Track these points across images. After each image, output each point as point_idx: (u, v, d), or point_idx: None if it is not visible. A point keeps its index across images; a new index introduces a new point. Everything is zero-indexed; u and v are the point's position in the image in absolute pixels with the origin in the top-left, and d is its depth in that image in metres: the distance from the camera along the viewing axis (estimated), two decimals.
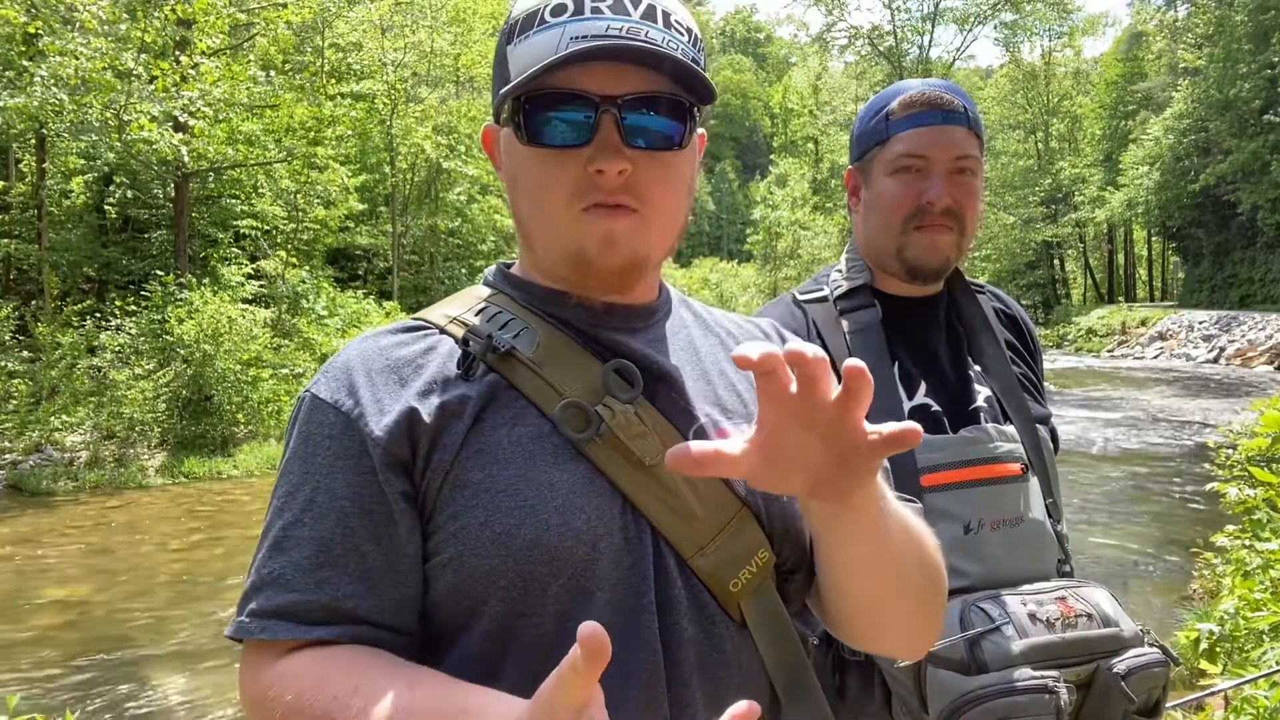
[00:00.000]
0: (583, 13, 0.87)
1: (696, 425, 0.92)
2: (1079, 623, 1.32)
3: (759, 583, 0.92)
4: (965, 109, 1.51)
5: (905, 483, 1.40)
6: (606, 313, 0.95)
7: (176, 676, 6.11)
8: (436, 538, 0.84)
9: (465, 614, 0.84)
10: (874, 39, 44.51)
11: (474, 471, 0.84)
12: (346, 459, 0.84)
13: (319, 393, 0.89)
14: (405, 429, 0.84)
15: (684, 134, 0.90)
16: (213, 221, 19.05)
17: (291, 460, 0.87)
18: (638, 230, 0.89)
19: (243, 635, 0.83)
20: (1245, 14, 32.47)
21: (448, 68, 27.04)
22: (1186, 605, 6.06)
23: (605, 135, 0.86)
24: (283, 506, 0.85)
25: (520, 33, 0.89)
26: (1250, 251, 34.58)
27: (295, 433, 0.89)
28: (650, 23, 0.87)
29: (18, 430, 12.99)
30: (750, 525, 0.92)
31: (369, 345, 0.92)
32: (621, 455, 0.87)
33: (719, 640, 0.89)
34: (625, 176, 0.86)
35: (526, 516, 0.82)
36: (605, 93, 0.86)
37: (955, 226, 1.50)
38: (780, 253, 38.80)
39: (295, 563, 0.82)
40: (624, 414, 0.88)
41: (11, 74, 14.19)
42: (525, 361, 0.90)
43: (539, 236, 0.93)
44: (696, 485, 0.89)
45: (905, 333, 1.55)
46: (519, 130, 0.89)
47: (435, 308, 0.99)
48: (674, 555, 0.88)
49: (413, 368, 0.89)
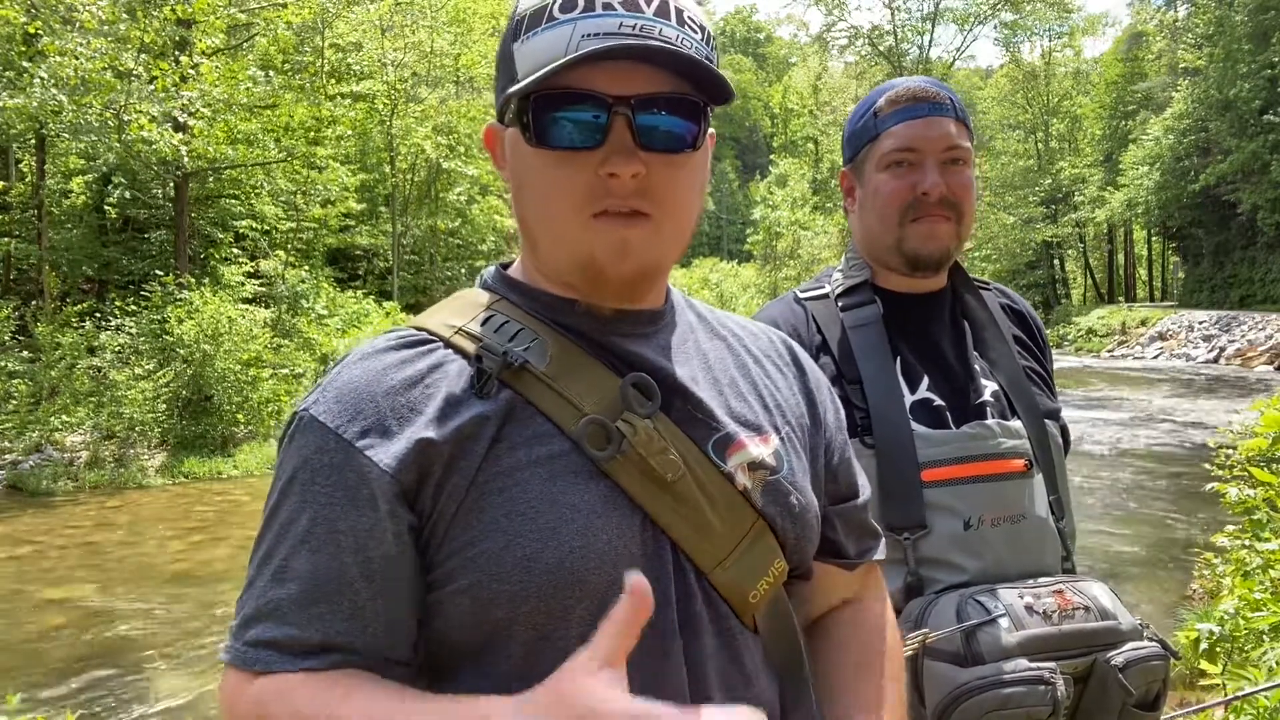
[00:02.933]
0: (594, 9, 0.83)
1: (715, 438, 0.90)
2: (1076, 615, 1.32)
3: (775, 593, 0.93)
4: (951, 101, 1.52)
5: (906, 478, 1.40)
6: (615, 319, 0.92)
7: (176, 676, 6.11)
8: (449, 564, 0.81)
9: (483, 640, 0.82)
10: (874, 39, 44.53)
11: (492, 495, 0.81)
12: (345, 489, 0.81)
13: (318, 415, 0.83)
14: (415, 457, 0.81)
15: (697, 135, 0.87)
16: (212, 221, 19.06)
17: (290, 485, 0.83)
18: (651, 238, 0.86)
19: (239, 664, 0.81)
20: (1245, 14, 32.47)
21: (448, 68, 27.04)
22: (1186, 605, 6.06)
23: (618, 137, 0.83)
24: (281, 534, 0.82)
25: (528, 29, 0.85)
26: (1250, 251, 34.57)
27: (292, 455, 0.84)
28: (664, 20, 0.84)
29: (18, 430, 13.00)
30: (766, 536, 0.91)
31: (371, 365, 0.86)
32: (642, 472, 0.85)
33: (738, 653, 0.89)
34: (639, 180, 0.83)
35: (549, 540, 0.80)
36: (618, 92, 0.83)
37: (952, 216, 1.50)
38: (780, 253, 38.86)
39: (292, 596, 0.80)
40: (645, 430, 0.85)
41: (11, 74, 14.19)
42: (539, 376, 0.86)
43: (546, 242, 0.90)
44: (714, 499, 0.88)
45: (907, 328, 1.55)
46: (526, 131, 0.86)
47: (434, 315, 0.94)
48: (694, 570, 0.87)
49: (421, 388, 0.84)
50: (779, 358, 1.06)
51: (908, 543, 1.38)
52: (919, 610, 1.33)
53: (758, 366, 1.02)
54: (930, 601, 1.33)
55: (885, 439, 1.42)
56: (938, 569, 1.38)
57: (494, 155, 0.96)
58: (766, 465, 0.92)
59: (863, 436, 1.43)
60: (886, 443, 1.41)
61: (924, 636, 1.28)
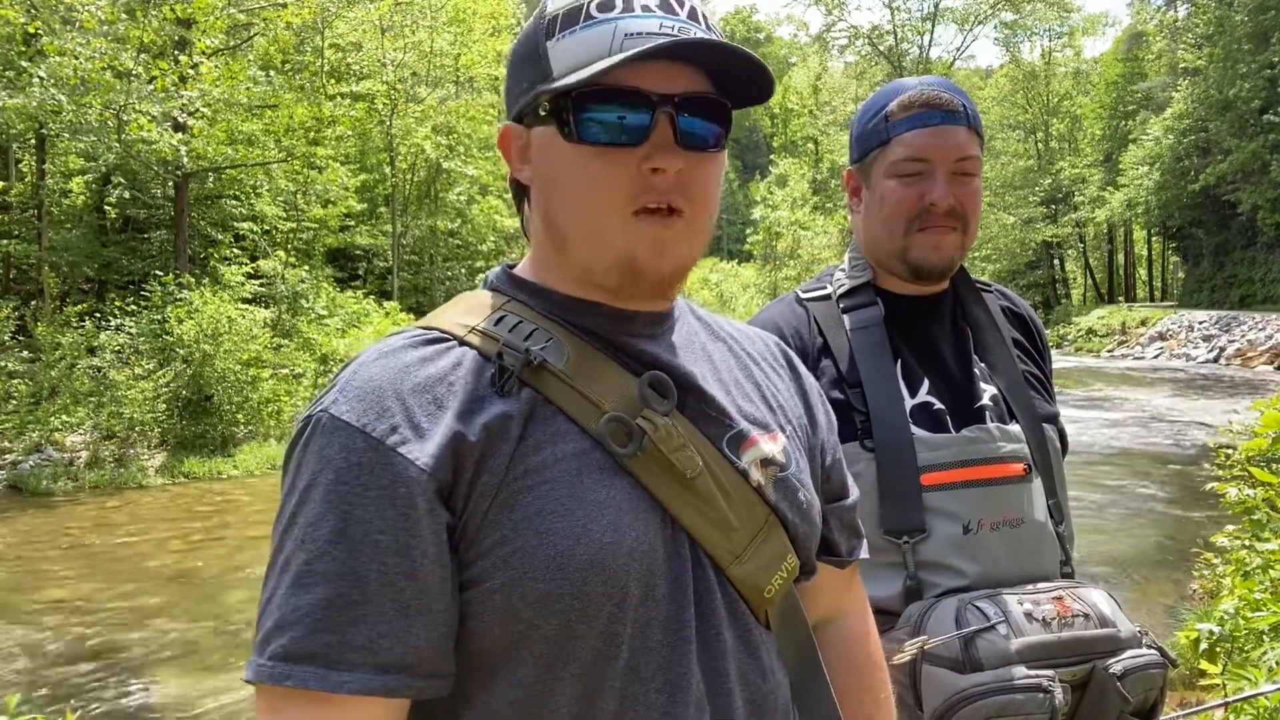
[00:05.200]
0: (633, 9, 0.85)
1: (729, 435, 0.92)
2: (1076, 622, 1.31)
3: (788, 588, 0.95)
4: (964, 107, 1.49)
5: (906, 482, 1.40)
6: (629, 320, 0.92)
7: (176, 676, 6.11)
8: (482, 564, 0.80)
9: (513, 640, 0.81)
10: (874, 39, 44.54)
11: (522, 494, 0.81)
12: (380, 489, 0.77)
13: (340, 414, 0.80)
14: (450, 454, 0.79)
15: (722, 136, 0.90)
16: (212, 221, 19.06)
17: (311, 489, 0.78)
18: (685, 235, 0.88)
19: (268, 682, 0.75)
20: (1245, 14, 32.45)
21: (448, 68, 27.03)
22: (1186, 605, 6.06)
23: (661, 134, 0.85)
24: (304, 538, 0.77)
25: (564, 28, 0.86)
26: (1250, 251, 34.56)
27: (311, 458, 0.80)
28: (695, 24, 0.87)
29: (18, 430, 13.00)
30: (779, 531, 0.93)
31: (391, 362, 0.84)
32: (662, 468, 0.86)
33: (755, 647, 0.90)
34: (680, 176, 0.85)
35: (581, 537, 0.80)
36: (662, 91, 0.84)
37: (959, 227, 1.49)
38: (780, 253, 38.83)
39: (327, 599, 0.75)
40: (665, 427, 0.86)
41: (11, 74, 14.19)
42: (559, 374, 0.86)
43: (581, 240, 0.89)
44: (730, 495, 0.90)
45: (909, 330, 1.55)
46: (566, 127, 0.86)
47: (445, 314, 0.93)
48: (712, 565, 0.88)
49: (445, 385, 0.83)
50: (775, 360, 1.09)
51: (907, 546, 1.38)
52: (918, 614, 1.33)
53: (758, 368, 1.05)
54: (930, 606, 1.33)
55: (885, 443, 1.41)
56: (937, 573, 1.38)
57: (508, 157, 0.95)
58: (777, 462, 0.94)
59: (863, 440, 1.43)
60: (886, 447, 1.41)
61: (923, 643, 1.28)
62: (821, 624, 1.10)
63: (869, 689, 1.10)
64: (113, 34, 14.48)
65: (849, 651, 1.12)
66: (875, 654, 1.13)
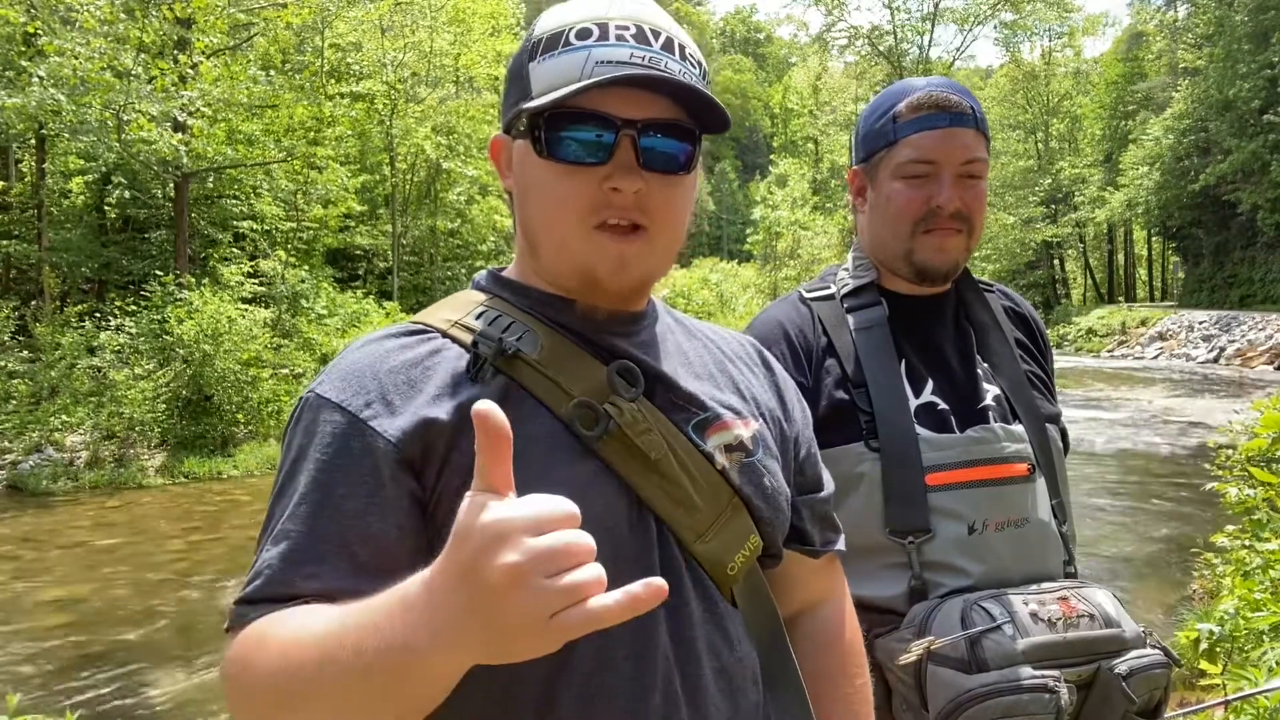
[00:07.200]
0: (607, 39, 0.92)
1: (695, 420, 0.98)
2: (1081, 623, 1.32)
3: (751, 567, 1.00)
4: (972, 110, 1.49)
5: (911, 482, 1.40)
6: (606, 319, 0.99)
7: (176, 676, 6.11)
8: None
9: None
10: (874, 39, 44.50)
11: None
12: (350, 455, 0.86)
13: (324, 393, 0.90)
14: (419, 432, 0.86)
15: (691, 159, 0.96)
16: (212, 221, 19.05)
17: (298, 460, 0.88)
18: (646, 251, 0.94)
19: (234, 623, 0.83)
20: (1245, 14, 32.46)
21: (447, 68, 27.00)
22: (1186, 605, 6.06)
23: (623, 155, 0.91)
24: (284, 502, 0.87)
25: (544, 51, 0.94)
26: (1250, 251, 34.56)
27: (297, 430, 0.90)
28: (669, 54, 0.94)
29: (18, 430, 12.99)
30: (742, 512, 0.99)
31: (373, 349, 0.94)
32: (628, 451, 0.92)
33: (721, 619, 0.96)
34: (639, 196, 0.92)
35: None
36: (625, 115, 0.91)
37: (964, 229, 1.50)
38: (780, 253, 38.85)
39: (285, 555, 0.83)
40: (630, 411, 0.93)
41: (11, 74, 14.19)
42: (531, 363, 0.93)
43: (547, 248, 0.97)
44: (695, 477, 0.95)
45: (912, 331, 1.55)
46: (538, 144, 0.93)
47: (430, 312, 1.02)
48: (676, 542, 0.94)
49: (421, 369, 0.91)
50: (749, 359, 1.16)
51: (912, 547, 1.38)
52: (923, 615, 1.33)
53: (733, 365, 1.11)
54: (935, 606, 1.33)
55: (890, 443, 1.42)
56: (942, 573, 1.38)
57: (498, 165, 1.04)
58: (743, 447, 1.00)
59: (868, 440, 1.43)
60: (891, 447, 1.41)
61: (928, 643, 1.28)
62: (801, 613, 1.14)
63: (843, 669, 1.14)
64: (112, 34, 14.48)
65: (824, 634, 1.16)
66: (852, 636, 1.17)
